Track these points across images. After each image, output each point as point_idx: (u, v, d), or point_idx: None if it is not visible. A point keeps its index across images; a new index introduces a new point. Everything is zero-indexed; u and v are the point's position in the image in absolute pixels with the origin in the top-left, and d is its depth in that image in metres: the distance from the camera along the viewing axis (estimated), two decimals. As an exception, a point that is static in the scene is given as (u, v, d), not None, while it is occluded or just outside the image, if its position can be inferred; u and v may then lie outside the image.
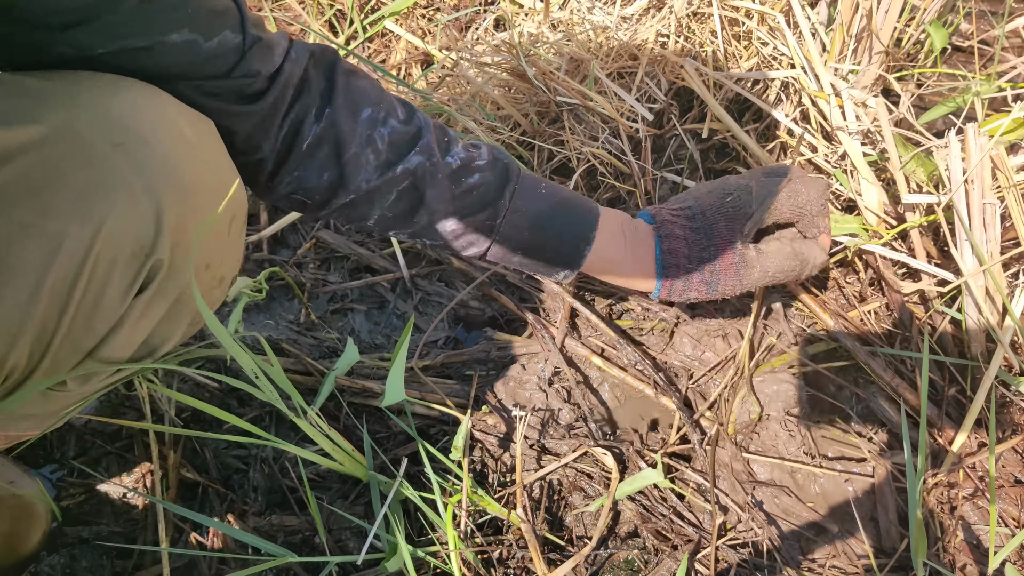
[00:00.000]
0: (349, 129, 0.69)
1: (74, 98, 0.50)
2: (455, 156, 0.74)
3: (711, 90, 1.13)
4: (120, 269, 0.49)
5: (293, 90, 0.67)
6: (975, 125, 0.88)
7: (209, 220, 0.55)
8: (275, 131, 0.67)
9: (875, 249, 0.96)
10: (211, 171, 0.57)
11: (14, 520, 0.79)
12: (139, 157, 0.50)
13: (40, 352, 0.49)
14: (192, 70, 0.59)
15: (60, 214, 0.46)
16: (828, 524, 0.84)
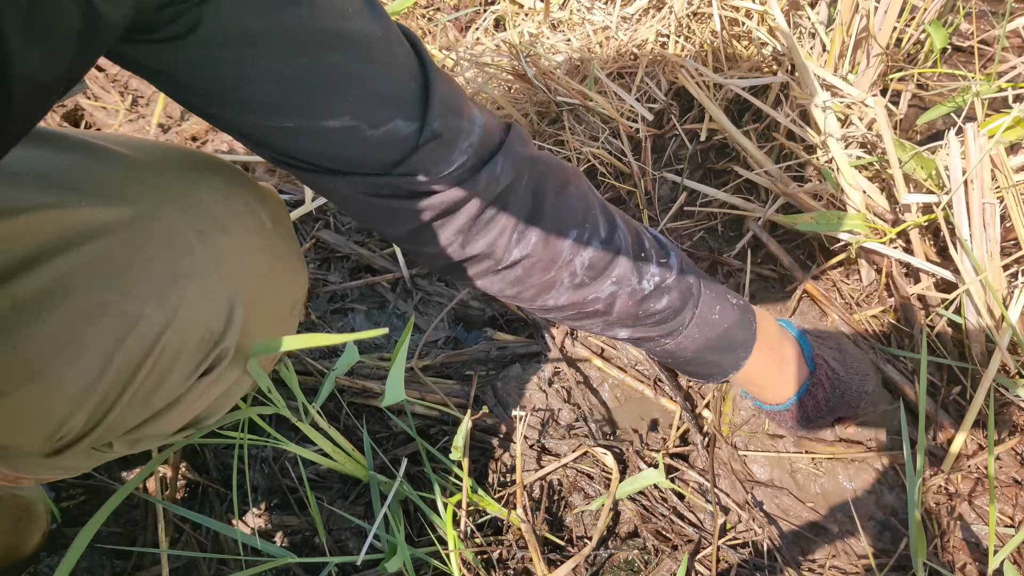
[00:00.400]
0: (550, 257, 0.63)
1: (162, 181, 0.51)
2: (649, 280, 0.70)
3: (710, 91, 1.13)
4: (187, 354, 0.50)
5: (486, 201, 0.58)
6: (974, 125, 0.88)
7: (275, 306, 0.56)
8: (456, 239, 0.59)
9: (877, 247, 0.96)
10: (283, 261, 0.57)
11: (14, 521, 0.79)
12: (219, 247, 0.50)
13: (96, 422, 0.50)
14: (351, 162, 0.52)
15: (138, 296, 0.47)
16: (828, 524, 0.84)
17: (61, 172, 0.48)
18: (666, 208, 1.15)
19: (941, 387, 0.89)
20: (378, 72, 0.50)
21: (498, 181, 0.57)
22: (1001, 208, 0.90)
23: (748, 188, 1.15)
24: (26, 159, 0.48)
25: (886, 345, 0.95)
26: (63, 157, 0.49)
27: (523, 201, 0.60)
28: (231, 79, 0.45)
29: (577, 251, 0.64)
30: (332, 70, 0.47)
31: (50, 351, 0.46)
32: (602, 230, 0.66)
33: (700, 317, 0.73)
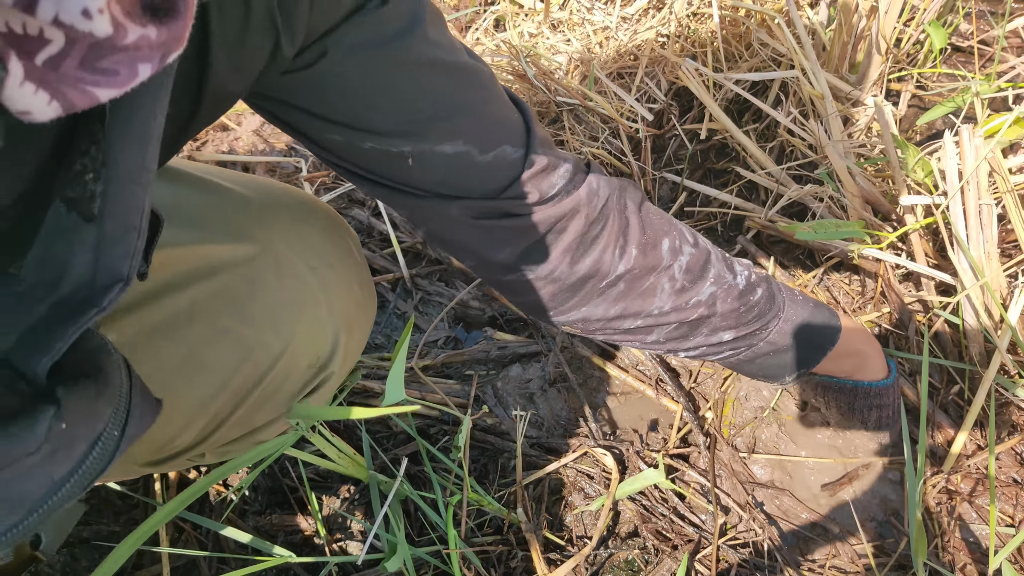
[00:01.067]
0: (651, 265, 0.65)
1: (278, 221, 0.56)
2: (741, 276, 0.72)
3: (711, 90, 1.13)
4: (295, 378, 0.54)
5: (591, 217, 0.61)
6: (970, 126, 0.88)
7: (368, 329, 0.63)
8: (564, 258, 0.61)
9: (877, 253, 0.96)
10: (368, 291, 0.62)
11: (14, 520, 0.79)
12: (328, 281, 0.55)
13: (203, 438, 0.54)
14: (461, 187, 0.54)
15: (257, 324, 0.51)
16: (828, 524, 0.84)
17: (191, 209, 0.53)
18: (666, 208, 1.15)
19: (940, 388, 0.89)
20: (489, 102, 0.53)
21: (598, 195, 0.60)
22: (999, 209, 0.90)
23: (748, 188, 1.15)
24: (160, 195, 0.53)
25: (884, 347, 0.95)
26: (190, 194, 0.54)
27: (619, 217, 0.62)
28: (357, 103, 0.48)
29: (674, 257, 0.66)
30: (450, 96, 0.50)
31: (173, 371, 0.49)
32: (688, 236, 0.69)
33: (790, 296, 0.75)
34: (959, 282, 0.88)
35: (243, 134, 1.31)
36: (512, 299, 0.65)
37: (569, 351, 0.98)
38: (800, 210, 1.11)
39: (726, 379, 0.96)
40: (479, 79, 0.53)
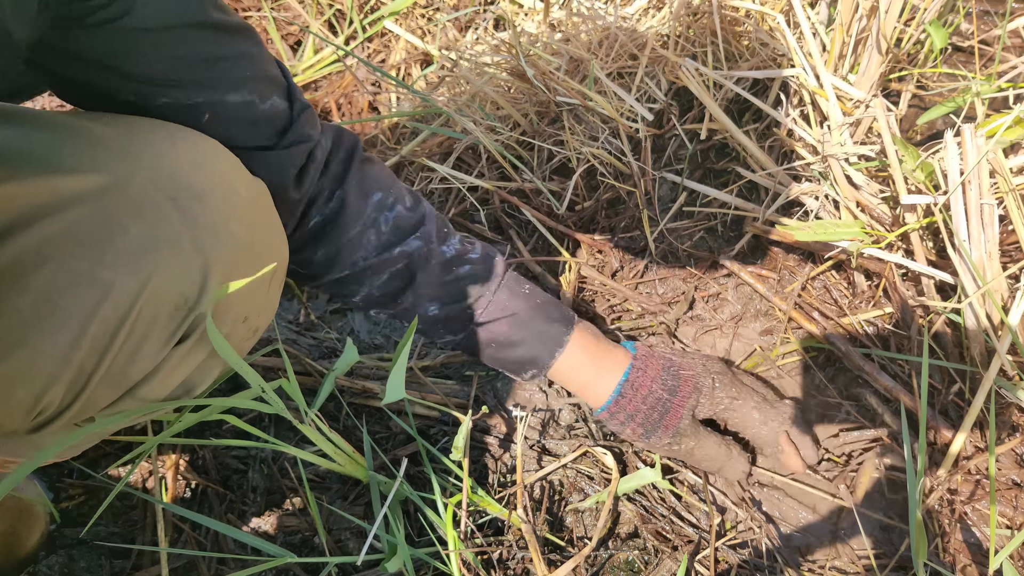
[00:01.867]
0: (357, 211, 0.72)
1: (134, 150, 0.51)
2: (451, 246, 0.78)
3: (711, 90, 1.13)
4: (162, 321, 0.51)
5: (318, 173, 0.69)
6: (971, 126, 0.88)
7: (254, 279, 0.57)
8: (297, 210, 0.69)
9: (877, 253, 0.96)
10: (260, 230, 0.58)
11: (12, 521, 0.79)
12: (192, 214, 0.51)
13: (75, 394, 0.50)
14: (246, 133, 0.62)
15: (111, 264, 0.48)
16: (828, 525, 0.84)
17: (31, 146, 0.49)
18: (666, 208, 1.15)
19: (941, 389, 0.89)
20: (264, 55, 0.63)
21: (330, 141, 0.71)
22: (1001, 209, 0.90)
23: (748, 188, 1.15)
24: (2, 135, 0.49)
25: (885, 349, 0.95)
26: (31, 132, 0.50)
27: (336, 165, 0.72)
28: (158, 58, 0.54)
29: (381, 211, 0.74)
30: (239, 50, 0.59)
31: (26, 322, 0.46)
32: (408, 199, 0.77)
33: (507, 288, 0.80)
34: (959, 282, 0.88)
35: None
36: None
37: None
38: (800, 210, 1.11)
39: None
40: (254, 36, 0.62)
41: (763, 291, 1.02)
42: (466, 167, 1.22)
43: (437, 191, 1.19)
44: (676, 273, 1.08)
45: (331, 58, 1.40)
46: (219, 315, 0.54)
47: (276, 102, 0.64)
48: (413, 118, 1.26)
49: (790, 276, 1.05)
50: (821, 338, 0.96)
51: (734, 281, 1.06)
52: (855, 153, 1.02)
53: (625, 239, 1.11)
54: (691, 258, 1.10)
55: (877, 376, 0.90)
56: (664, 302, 1.06)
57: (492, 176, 1.17)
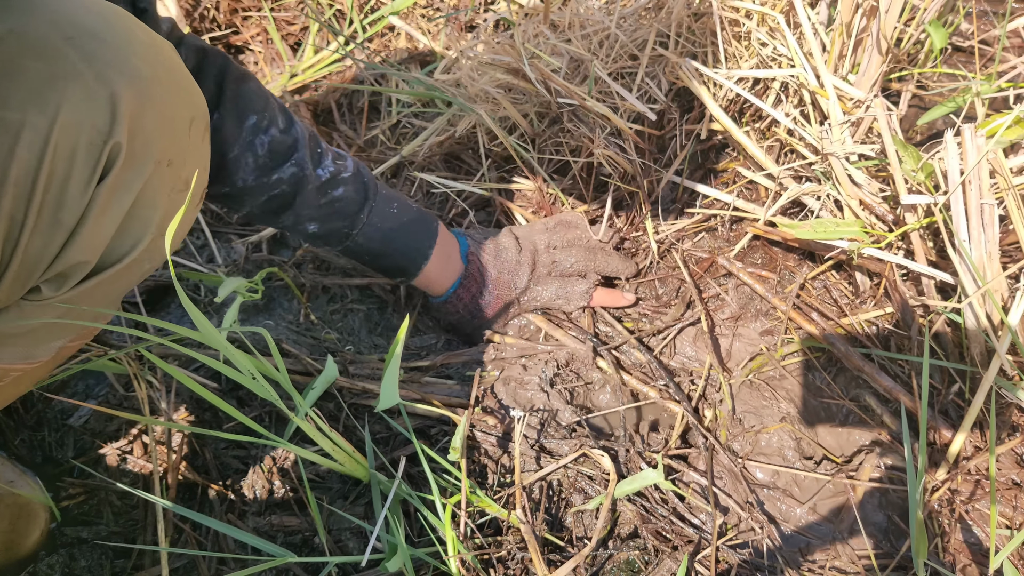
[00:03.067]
0: (233, 134, 0.76)
1: (29, 4, 0.52)
2: (325, 169, 0.85)
3: (711, 90, 1.13)
4: (81, 155, 0.51)
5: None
6: (971, 126, 0.88)
7: (165, 111, 0.57)
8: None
9: (877, 253, 0.96)
10: (164, 70, 0.58)
11: (12, 520, 0.79)
12: (90, 49, 0.52)
13: (12, 247, 0.51)
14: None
15: (16, 105, 0.48)
16: (828, 525, 0.84)
17: None
18: (666, 208, 1.15)
19: (941, 389, 0.89)
20: None
21: (186, 60, 0.73)
22: (1001, 210, 0.90)
23: (748, 188, 1.15)
24: None
25: (883, 349, 0.95)
26: None
27: (207, 84, 0.75)
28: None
29: (256, 134, 0.78)
30: None
31: None
32: (280, 121, 0.80)
33: (379, 209, 0.89)
34: (959, 282, 0.88)
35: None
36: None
37: (570, 351, 0.98)
38: (801, 211, 1.11)
39: (728, 382, 0.96)
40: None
41: (762, 291, 1.02)
42: (467, 167, 1.22)
43: (437, 194, 1.19)
44: (676, 273, 1.08)
45: (331, 58, 1.40)
46: (137, 152, 0.54)
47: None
48: (419, 105, 1.26)
49: (790, 276, 1.05)
50: (821, 338, 0.96)
51: (734, 281, 1.06)
52: (855, 152, 1.02)
53: (626, 240, 1.11)
54: (691, 257, 1.10)
55: (877, 376, 0.90)
56: (664, 303, 1.06)
57: (493, 178, 1.17)
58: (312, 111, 1.37)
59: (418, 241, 0.93)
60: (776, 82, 1.14)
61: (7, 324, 0.57)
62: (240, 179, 0.79)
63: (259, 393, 0.67)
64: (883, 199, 1.01)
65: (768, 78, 1.14)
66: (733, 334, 1.01)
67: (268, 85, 1.39)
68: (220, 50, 0.78)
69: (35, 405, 0.95)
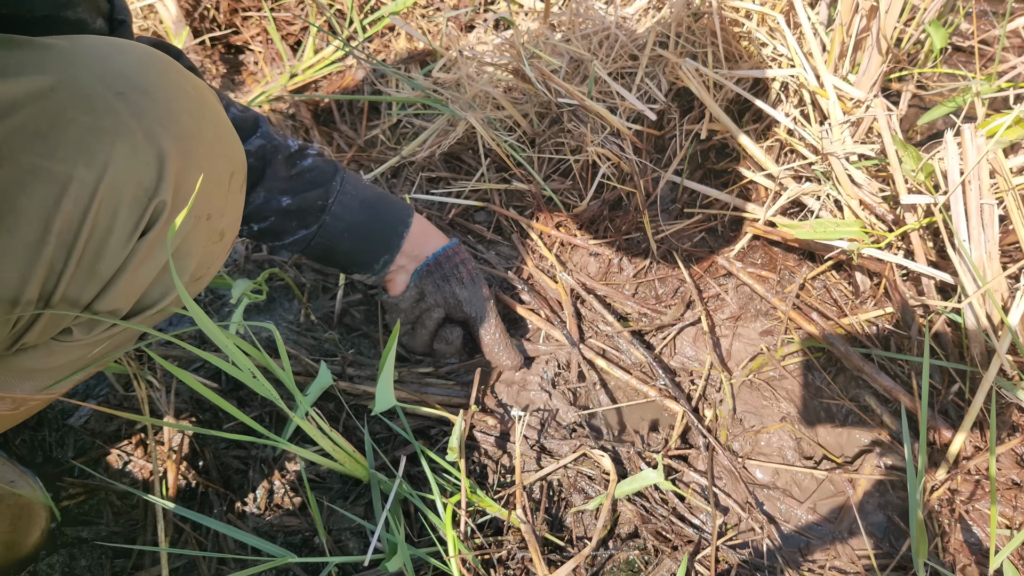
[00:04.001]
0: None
1: (80, 51, 0.52)
2: (293, 142, 0.84)
3: (711, 90, 1.13)
4: (124, 211, 0.52)
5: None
6: (971, 126, 0.88)
7: (209, 168, 0.57)
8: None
9: (877, 253, 0.96)
10: (210, 125, 0.58)
11: (13, 519, 0.79)
12: (140, 105, 0.52)
13: (48, 293, 0.51)
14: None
15: (66, 158, 0.49)
16: (828, 525, 0.84)
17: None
18: (666, 208, 1.15)
19: (941, 389, 0.89)
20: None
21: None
22: (1000, 210, 0.90)
23: (748, 188, 1.15)
24: None
25: (883, 349, 0.95)
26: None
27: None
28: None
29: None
30: None
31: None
32: (238, 105, 0.80)
33: (351, 180, 0.87)
34: (959, 282, 0.88)
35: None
36: None
37: (573, 353, 0.98)
38: (800, 210, 1.11)
39: (728, 382, 0.96)
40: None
41: (762, 292, 1.02)
42: (467, 167, 1.22)
43: (438, 194, 1.19)
44: (676, 274, 1.08)
45: (331, 58, 1.40)
46: (179, 210, 0.55)
47: (101, 24, 0.65)
48: (420, 105, 1.26)
49: (790, 276, 1.05)
50: (820, 338, 0.96)
51: (734, 282, 1.06)
52: (855, 152, 1.02)
53: (627, 240, 1.11)
54: (691, 258, 1.10)
55: (877, 376, 0.90)
56: (663, 303, 1.06)
57: (493, 178, 1.17)
58: (312, 111, 1.37)
59: (398, 208, 0.90)
60: (776, 82, 1.14)
61: (35, 361, 0.58)
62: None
63: (260, 391, 0.67)
64: (883, 199, 1.01)
65: (768, 78, 1.14)
66: (733, 334, 1.01)
67: (268, 85, 1.39)
68: (170, 44, 0.76)
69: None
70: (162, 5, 1.41)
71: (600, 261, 1.09)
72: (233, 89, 1.45)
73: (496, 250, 1.11)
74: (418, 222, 0.92)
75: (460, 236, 1.13)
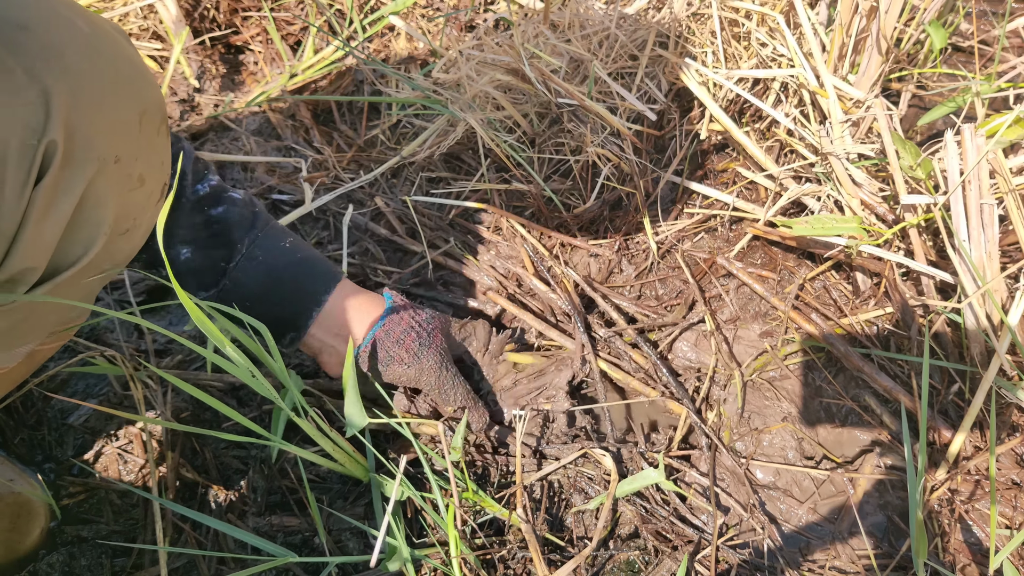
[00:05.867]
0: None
1: None
2: (205, 184, 0.75)
3: (711, 90, 1.13)
4: (13, 157, 0.48)
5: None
6: (971, 126, 0.88)
7: (107, 106, 0.53)
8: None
9: (876, 251, 0.96)
10: (106, 61, 0.54)
11: (13, 518, 0.79)
12: (18, 41, 0.48)
13: None
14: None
15: None
16: (828, 525, 0.84)
17: None
18: (666, 208, 1.15)
19: (941, 389, 0.89)
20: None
21: None
22: (1000, 210, 0.90)
23: (748, 188, 1.15)
24: None
25: (885, 349, 0.95)
26: None
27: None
28: None
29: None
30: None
31: None
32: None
33: (265, 241, 0.76)
34: (959, 282, 0.88)
35: (242, 134, 1.31)
36: None
37: (573, 355, 0.98)
38: (800, 211, 1.11)
39: (730, 383, 0.96)
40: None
41: (762, 292, 1.02)
42: (467, 167, 1.22)
43: (438, 194, 1.19)
44: (677, 274, 1.08)
45: (331, 58, 1.41)
46: (77, 150, 0.51)
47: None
48: (420, 105, 1.26)
49: (790, 276, 1.05)
50: (821, 338, 0.96)
51: (734, 282, 1.06)
52: (855, 152, 1.02)
53: (627, 240, 1.11)
54: (690, 258, 1.10)
55: (876, 376, 0.90)
56: (664, 304, 1.06)
57: (492, 179, 1.17)
58: (312, 111, 1.37)
59: (312, 283, 0.77)
60: (776, 82, 1.14)
61: None
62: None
63: (258, 390, 0.67)
64: (883, 199, 1.01)
65: (768, 78, 1.14)
66: (733, 335, 1.01)
67: (268, 85, 1.39)
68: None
69: (35, 404, 0.94)
70: (162, 5, 1.41)
71: (600, 262, 1.09)
72: (233, 89, 1.45)
73: (496, 250, 1.11)
74: (339, 296, 0.80)
75: (460, 236, 1.12)
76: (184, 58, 1.41)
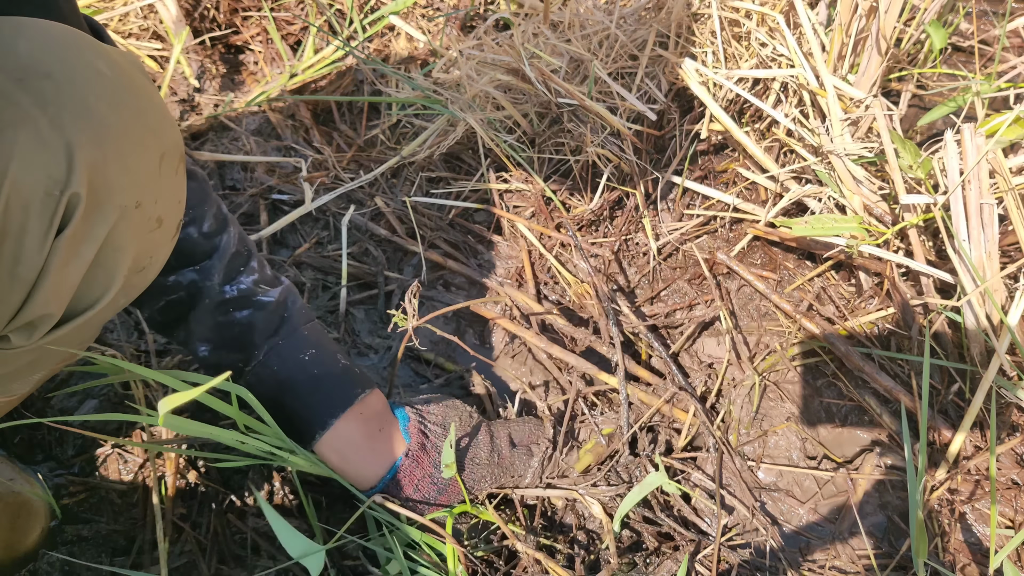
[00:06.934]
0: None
1: None
2: (235, 286, 0.74)
3: (711, 90, 1.13)
4: (36, 208, 0.48)
5: None
6: (971, 126, 0.88)
7: (129, 153, 0.52)
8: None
9: (876, 251, 0.96)
10: (130, 109, 0.54)
11: (12, 517, 0.79)
12: (43, 92, 0.48)
13: None
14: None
15: None
16: (828, 525, 0.84)
17: None
18: (666, 208, 1.15)
19: (941, 389, 0.89)
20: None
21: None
22: (1000, 209, 0.90)
23: (748, 188, 1.15)
24: None
25: (885, 348, 0.95)
26: None
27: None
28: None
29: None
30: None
31: None
32: (207, 225, 0.72)
33: (283, 351, 0.74)
34: (959, 282, 0.88)
35: (242, 134, 1.31)
36: None
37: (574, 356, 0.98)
38: (801, 213, 1.11)
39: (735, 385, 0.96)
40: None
41: (763, 290, 1.02)
42: (467, 167, 1.23)
43: (438, 194, 1.19)
44: (679, 275, 1.08)
45: (331, 58, 1.41)
46: (100, 200, 0.51)
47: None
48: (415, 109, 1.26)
49: (790, 277, 1.05)
50: (821, 338, 0.96)
51: (736, 283, 1.06)
52: (855, 151, 1.02)
53: (627, 241, 1.11)
54: (692, 259, 1.10)
55: (877, 376, 0.90)
56: (665, 304, 1.06)
57: (493, 178, 1.17)
58: (312, 111, 1.37)
59: (320, 403, 0.74)
60: (776, 82, 1.14)
61: None
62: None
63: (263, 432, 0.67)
64: (882, 198, 1.01)
65: (768, 78, 1.14)
66: (734, 336, 1.01)
67: (268, 85, 1.39)
68: (94, 19, 0.67)
69: (35, 404, 0.95)
70: (162, 5, 1.41)
71: (601, 263, 1.09)
72: (233, 89, 1.45)
73: (496, 250, 1.11)
74: (348, 422, 0.75)
75: (460, 236, 1.12)
76: (184, 58, 1.41)
